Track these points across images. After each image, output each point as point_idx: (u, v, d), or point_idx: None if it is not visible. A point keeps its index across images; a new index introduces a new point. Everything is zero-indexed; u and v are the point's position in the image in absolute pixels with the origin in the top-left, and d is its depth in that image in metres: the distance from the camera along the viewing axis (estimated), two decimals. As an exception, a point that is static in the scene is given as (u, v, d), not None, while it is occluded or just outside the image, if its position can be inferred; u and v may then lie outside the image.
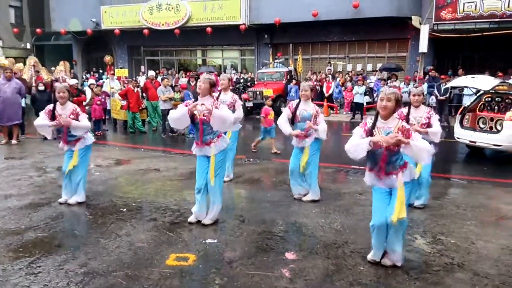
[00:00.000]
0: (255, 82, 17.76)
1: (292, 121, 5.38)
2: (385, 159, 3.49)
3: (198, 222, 4.67)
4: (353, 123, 14.50)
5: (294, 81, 16.59)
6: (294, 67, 18.63)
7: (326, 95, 16.59)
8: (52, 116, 5.06)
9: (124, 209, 5.15)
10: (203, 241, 4.19)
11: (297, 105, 5.37)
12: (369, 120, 3.55)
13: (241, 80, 18.82)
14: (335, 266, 3.69)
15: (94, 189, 6.02)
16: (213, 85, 4.48)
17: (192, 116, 4.39)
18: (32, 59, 13.31)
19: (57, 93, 5.06)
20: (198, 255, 3.87)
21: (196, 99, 4.50)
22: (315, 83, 17.29)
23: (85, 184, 5.42)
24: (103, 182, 6.47)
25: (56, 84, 5.50)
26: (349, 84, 16.58)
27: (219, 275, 3.50)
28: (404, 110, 4.99)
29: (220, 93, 6.34)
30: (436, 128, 4.88)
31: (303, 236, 4.41)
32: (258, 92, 16.15)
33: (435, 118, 5.01)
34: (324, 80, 17.10)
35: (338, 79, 17.25)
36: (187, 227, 4.58)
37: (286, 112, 5.43)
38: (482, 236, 4.42)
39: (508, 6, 14.23)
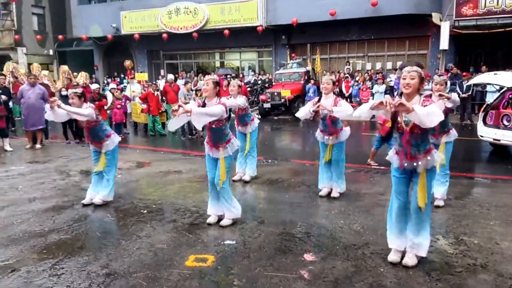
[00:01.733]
0: (273, 83, 17.77)
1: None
2: (409, 141, 3.48)
3: (217, 223, 4.71)
4: (373, 122, 14.32)
5: (312, 81, 16.53)
6: (312, 67, 18.56)
7: (346, 94, 16.45)
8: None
9: (145, 211, 5.23)
10: (222, 242, 4.21)
11: (319, 100, 5.30)
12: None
13: (259, 82, 18.86)
14: (355, 268, 3.65)
15: (115, 191, 6.11)
16: (217, 84, 4.47)
17: None
18: (64, 68, 13.87)
19: (69, 100, 5.27)
20: (217, 256, 3.89)
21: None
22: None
23: (111, 185, 5.54)
24: (124, 184, 6.57)
25: (68, 91, 5.68)
26: (368, 83, 16.41)
27: (237, 276, 3.51)
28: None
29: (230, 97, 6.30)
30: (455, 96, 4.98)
31: (322, 237, 4.38)
32: (275, 93, 16.17)
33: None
34: (343, 79, 16.97)
35: (357, 77, 17.07)
36: (206, 228, 4.61)
37: (309, 104, 5.42)
38: (507, 236, 4.30)
39: (532, 0, 13.85)
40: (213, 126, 4.46)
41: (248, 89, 17.54)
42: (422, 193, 3.51)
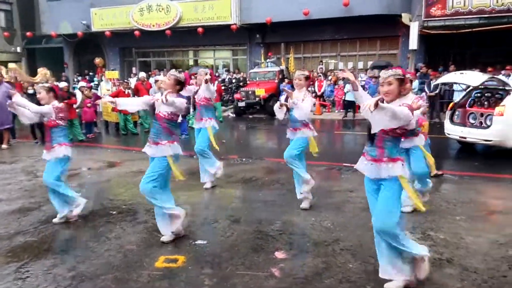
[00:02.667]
0: (248, 82, 17.77)
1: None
2: (381, 140, 3.14)
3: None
4: (346, 121, 14.55)
5: (286, 80, 16.62)
6: (286, 66, 18.66)
7: (318, 93, 16.63)
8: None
9: (114, 212, 5.13)
10: (193, 243, 4.18)
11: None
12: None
13: (234, 80, 18.82)
14: (325, 264, 3.69)
15: (83, 192, 5.97)
16: (179, 82, 4.25)
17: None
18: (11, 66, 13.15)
19: (37, 94, 4.87)
20: (188, 257, 3.86)
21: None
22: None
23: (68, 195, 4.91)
24: (93, 185, 6.44)
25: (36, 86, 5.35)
26: (341, 83, 16.63)
27: (208, 276, 3.49)
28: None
29: (199, 89, 6.12)
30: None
31: (293, 235, 4.41)
32: (250, 92, 16.17)
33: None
34: (316, 79, 17.13)
35: (330, 77, 17.29)
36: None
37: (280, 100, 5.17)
38: (472, 231, 4.44)
39: (497, 2, 14.34)
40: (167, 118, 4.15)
41: (223, 87, 17.48)
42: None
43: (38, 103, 4.85)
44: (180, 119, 4.56)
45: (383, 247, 3.18)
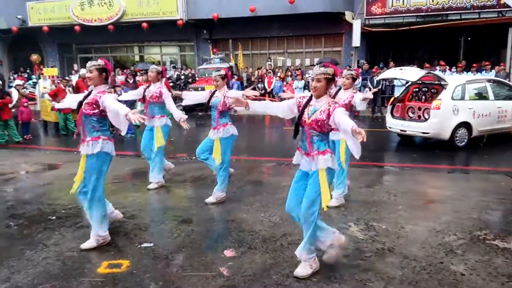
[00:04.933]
0: (197, 78, 17.54)
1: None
2: (309, 137, 3.38)
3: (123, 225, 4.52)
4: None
5: (236, 77, 16.58)
6: (235, 62, 18.62)
7: (268, 90, 16.76)
8: None
9: (53, 217, 4.85)
10: (138, 246, 4.04)
11: (336, 93, 5.06)
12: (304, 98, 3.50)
13: (182, 77, 18.50)
14: (273, 260, 3.71)
15: (20, 197, 5.63)
16: (103, 70, 3.98)
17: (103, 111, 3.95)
18: None
19: None
20: (133, 261, 3.72)
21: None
22: (256, 79, 17.47)
23: None
24: (30, 189, 6.06)
25: None
26: (289, 79, 16.88)
27: (154, 280, 3.39)
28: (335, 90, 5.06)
29: (149, 85, 5.96)
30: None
31: (242, 232, 4.39)
32: (200, 89, 15.95)
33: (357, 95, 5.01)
34: (265, 75, 17.25)
35: (278, 74, 17.48)
36: (122, 232, 4.39)
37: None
38: (411, 220, 4.65)
39: (433, 1, 15.15)
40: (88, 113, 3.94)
41: (171, 84, 17.11)
42: (325, 191, 3.39)
43: None
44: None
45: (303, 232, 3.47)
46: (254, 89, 16.42)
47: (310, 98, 3.43)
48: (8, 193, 5.60)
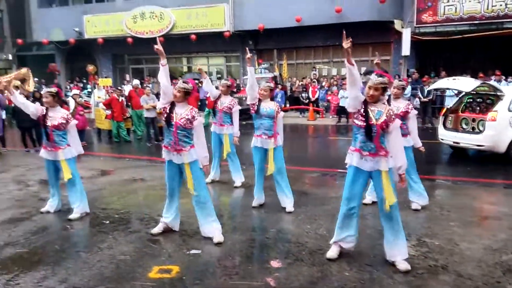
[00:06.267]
0: (241, 88, 17.77)
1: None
2: (377, 136, 3.63)
3: (171, 231, 4.61)
4: (339, 126, 14.59)
5: (280, 86, 16.65)
6: (280, 72, 18.70)
7: (312, 99, 16.69)
8: (44, 119, 5.10)
9: (107, 221, 5.06)
10: (187, 252, 4.13)
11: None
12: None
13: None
14: (320, 273, 3.66)
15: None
16: (188, 93, 4.39)
17: (169, 118, 4.28)
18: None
19: (43, 99, 5.18)
20: (182, 267, 3.81)
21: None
22: (297, 88, 17.47)
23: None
24: (86, 194, 6.34)
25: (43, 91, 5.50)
26: (334, 88, 16.71)
27: (203, 286, 3.45)
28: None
29: (219, 96, 6.52)
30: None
31: (288, 243, 4.38)
32: (244, 98, 16.15)
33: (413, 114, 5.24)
34: (309, 85, 17.20)
35: (323, 83, 17.36)
36: (171, 238, 4.51)
37: None
38: (466, 237, 4.44)
39: (487, 9, 14.52)
40: (181, 126, 4.27)
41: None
42: (388, 191, 3.67)
43: None
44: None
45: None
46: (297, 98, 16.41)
47: (366, 102, 3.66)
48: (65, 197, 5.89)
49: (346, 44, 3.50)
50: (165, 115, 4.29)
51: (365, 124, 3.62)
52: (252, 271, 3.72)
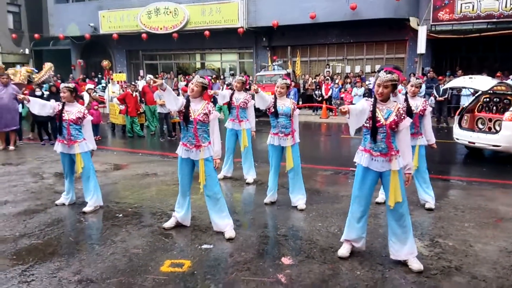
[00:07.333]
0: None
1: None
2: (388, 137, 3.59)
3: (183, 226, 4.64)
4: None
5: (293, 84, 16.58)
6: (293, 69, 18.64)
7: (325, 97, 16.60)
8: (61, 114, 5.18)
9: (120, 215, 5.12)
10: (199, 247, 4.15)
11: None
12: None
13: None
14: (332, 271, 3.65)
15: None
16: (205, 88, 4.43)
17: (187, 116, 4.29)
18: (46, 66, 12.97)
19: (61, 93, 5.25)
20: (194, 261, 3.83)
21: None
22: (310, 86, 17.38)
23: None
24: (99, 187, 6.41)
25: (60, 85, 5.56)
26: (348, 86, 16.59)
27: (214, 281, 3.46)
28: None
29: (233, 93, 6.68)
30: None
31: (300, 240, 4.37)
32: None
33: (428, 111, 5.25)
34: (322, 82, 17.11)
35: (337, 81, 17.24)
36: (183, 232, 4.54)
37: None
38: (481, 238, 4.38)
39: (506, 7, 14.24)
40: (200, 121, 4.30)
41: (229, 90, 17.45)
42: (395, 191, 3.67)
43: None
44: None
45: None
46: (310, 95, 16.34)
47: (375, 101, 3.60)
48: (79, 190, 5.97)
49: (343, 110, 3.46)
50: (183, 115, 4.29)
51: (371, 126, 3.57)
52: (263, 267, 3.73)
